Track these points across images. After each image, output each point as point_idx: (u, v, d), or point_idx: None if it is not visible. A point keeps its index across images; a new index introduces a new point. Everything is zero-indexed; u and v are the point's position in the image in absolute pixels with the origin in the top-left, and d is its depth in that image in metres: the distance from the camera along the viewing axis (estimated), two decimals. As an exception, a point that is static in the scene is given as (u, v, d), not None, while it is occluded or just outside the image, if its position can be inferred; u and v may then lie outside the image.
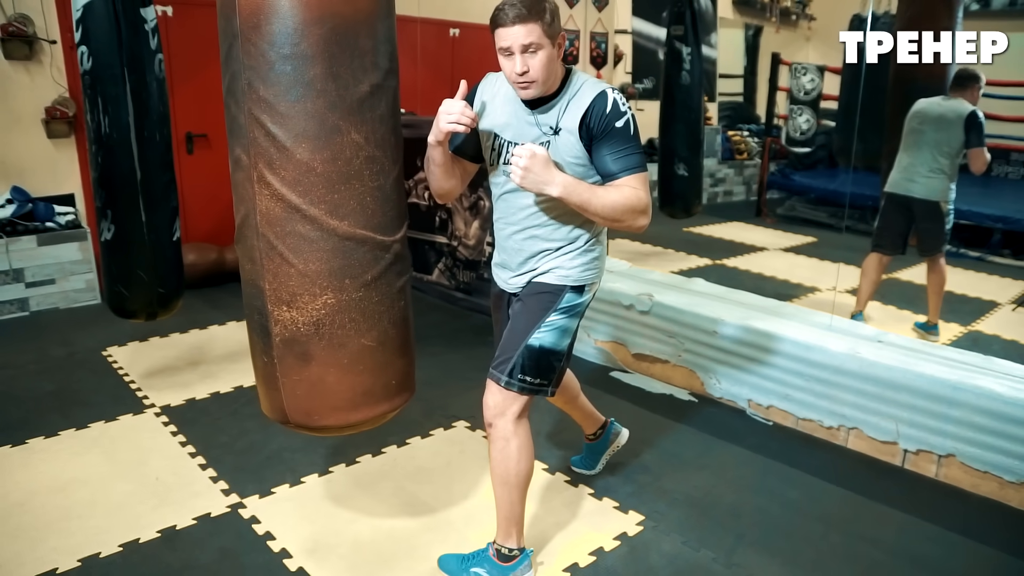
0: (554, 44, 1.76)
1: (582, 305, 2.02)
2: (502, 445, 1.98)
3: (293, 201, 1.65)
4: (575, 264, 1.98)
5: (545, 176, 1.74)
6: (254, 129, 1.63)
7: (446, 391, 3.35)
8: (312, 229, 1.67)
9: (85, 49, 2.72)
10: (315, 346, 1.74)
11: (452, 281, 4.62)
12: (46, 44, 4.40)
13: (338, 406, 1.81)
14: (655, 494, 2.56)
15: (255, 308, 1.76)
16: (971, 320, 4.55)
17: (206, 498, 2.48)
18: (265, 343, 1.77)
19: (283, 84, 1.60)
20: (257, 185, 1.66)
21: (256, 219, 1.68)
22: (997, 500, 2.56)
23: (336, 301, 1.72)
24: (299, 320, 1.71)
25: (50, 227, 4.42)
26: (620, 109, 1.80)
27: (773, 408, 3.10)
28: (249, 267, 1.75)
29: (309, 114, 1.62)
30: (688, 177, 5.13)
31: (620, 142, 1.80)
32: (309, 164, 1.64)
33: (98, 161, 2.83)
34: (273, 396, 1.82)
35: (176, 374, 3.50)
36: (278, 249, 1.68)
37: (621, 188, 1.80)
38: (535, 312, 1.98)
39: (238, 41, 1.60)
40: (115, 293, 3.02)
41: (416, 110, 5.28)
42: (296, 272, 1.69)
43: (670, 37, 5.08)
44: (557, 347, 1.98)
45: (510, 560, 2.06)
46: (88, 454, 2.76)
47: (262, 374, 1.84)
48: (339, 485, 2.58)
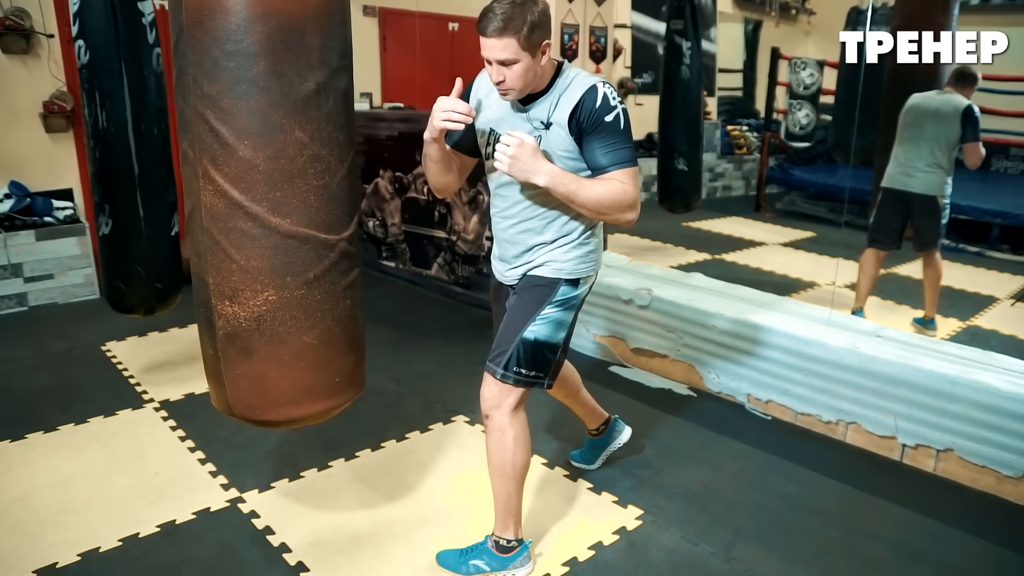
0: (535, 55, 1.76)
1: (577, 298, 2.03)
2: (498, 437, 2.00)
3: (235, 197, 1.65)
4: (569, 257, 1.98)
5: (532, 165, 1.75)
6: (199, 124, 1.64)
7: (445, 386, 3.35)
8: (254, 226, 1.67)
9: (82, 43, 2.71)
10: (256, 341, 1.75)
11: (451, 276, 4.62)
12: (43, 38, 4.39)
13: (279, 401, 1.82)
14: (654, 488, 2.57)
15: (201, 301, 1.79)
16: (970, 315, 4.55)
17: (205, 492, 2.48)
18: (210, 336, 1.79)
19: (226, 80, 1.60)
20: (202, 180, 1.67)
21: (201, 213, 1.69)
22: (995, 494, 2.56)
23: (277, 298, 1.72)
24: (241, 315, 1.72)
25: (48, 222, 4.41)
26: (610, 103, 1.80)
27: (772, 403, 3.11)
28: (196, 260, 1.77)
29: (252, 111, 1.62)
30: (687, 172, 5.12)
31: (609, 136, 1.80)
32: (251, 161, 1.64)
33: (96, 155, 2.83)
34: (218, 388, 1.85)
35: (175, 369, 3.50)
36: (221, 244, 1.69)
37: (609, 182, 1.80)
38: (530, 305, 1.99)
39: (184, 35, 1.60)
40: (113, 288, 3.02)
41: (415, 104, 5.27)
42: (238, 268, 1.69)
43: (669, 31, 5.07)
44: (552, 340, 1.99)
45: (509, 551, 2.08)
46: (87, 449, 2.76)
47: (209, 366, 1.86)
48: (338, 479, 2.59)
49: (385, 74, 6.10)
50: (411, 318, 4.36)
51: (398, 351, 3.78)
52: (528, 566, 2.11)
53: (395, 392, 3.30)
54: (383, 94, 6.10)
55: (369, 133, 4.94)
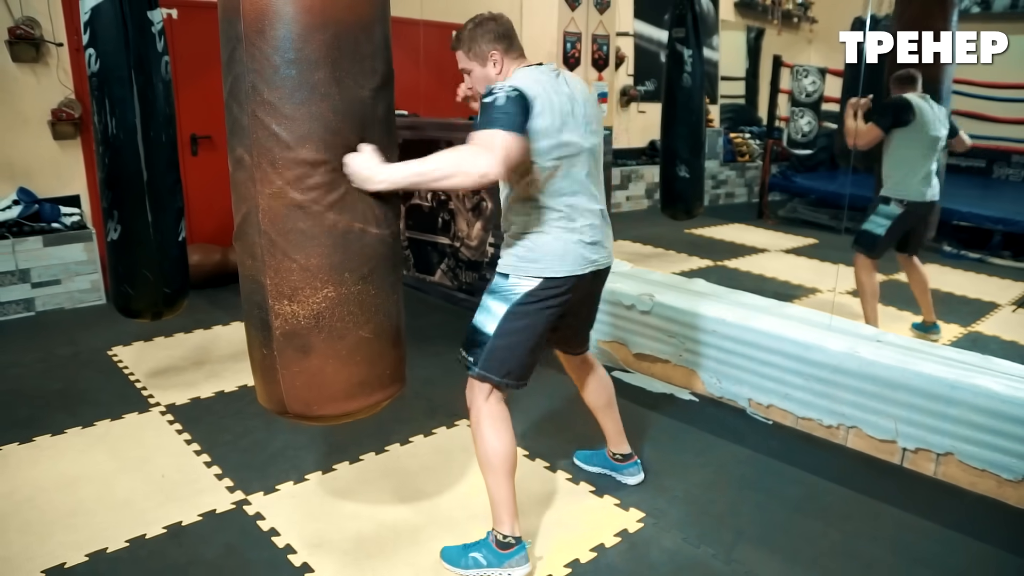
0: (483, 64, 2.05)
1: (508, 291, 2.08)
2: (475, 429, 2.14)
3: (296, 199, 1.71)
4: (508, 252, 2.11)
5: (363, 176, 1.76)
6: (258, 130, 1.68)
7: (449, 390, 3.37)
8: (313, 225, 1.73)
9: (93, 51, 2.75)
10: (315, 338, 1.79)
11: (454, 282, 4.65)
12: (53, 47, 4.44)
13: (335, 396, 1.87)
14: (656, 491, 2.59)
15: (255, 303, 1.81)
16: (971, 321, 4.57)
17: (211, 495, 2.51)
18: (265, 337, 1.82)
19: (288, 87, 1.66)
20: (260, 184, 1.71)
21: (258, 217, 1.73)
22: (995, 498, 2.58)
23: (336, 294, 1.78)
24: (300, 313, 1.77)
25: (56, 228, 4.45)
26: (493, 91, 1.87)
27: (773, 407, 3.13)
28: (250, 263, 1.80)
29: (313, 116, 1.68)
30: (690, 179, 5.15)
31: (481, 116, 1.86)
32: (312, 164, 1.70)
33: (105, 162, 2.86)
34: (272, 388, 1.87)
35: (181, 373, 3.54)
36: (280, 245, 1.73)
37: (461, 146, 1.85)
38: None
39: (242, 45, 1.65)
40: (121, 293, 3.04)
41: (419, 112, 5.31)
42: (298, 267, 1.74)
43: (671, 39, 5.10)
44: (481, 327, 2.12)
45: (507, 548, 2.12)
46: (94, 451, 2.79)
47: (260, 367, 1.89)
48: (343, 482, 2.61)
49: (389, 82, 6.12)
50: (414, 324, 4.37)
51: (402, 356, 3.81)
52: (525, 566, 2.12)
53: (399, 396, 3.32)
54: (387, 102, 6.12)
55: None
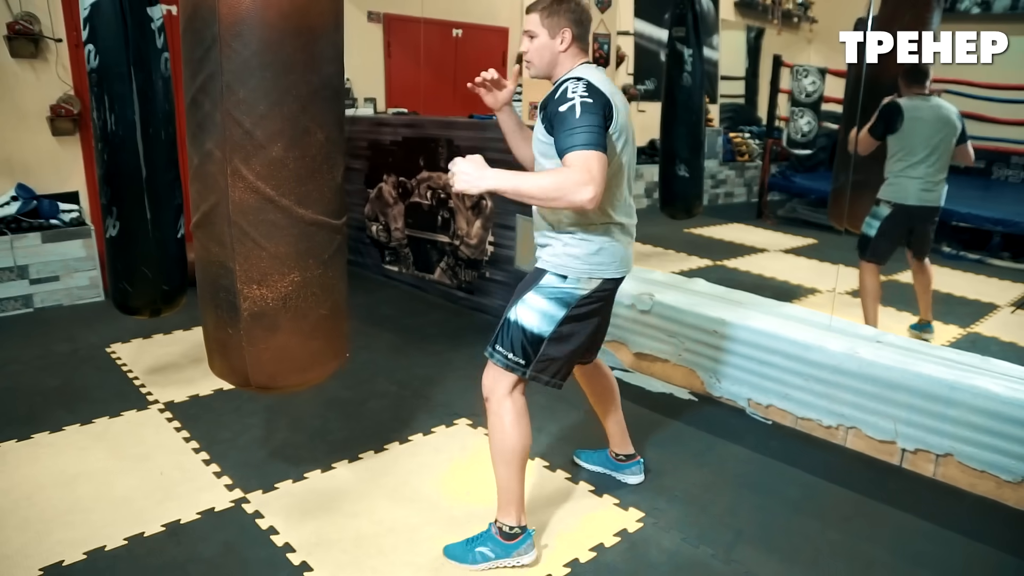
0: (553, 35, 2.01)
1: (568, 293, 2.07)
2: (494, 421, 2.10)
3: (267, 192, 1.83)
4: (561, 252, 2.08)
5: (472, 179, 1.80)
6: (231, 127, 1.78)
7: (448, 389, 3.38)
8: (282, 217, 1.86)
9: (92, 47, 2.74)
10: (282, 318, 1.95)
11: (454, 280, 4.64)
12: (52, 42, 4.43)
13: (297, 368, 2.04)
14: (655, 491, 2.59)
15: (221, 287, 1.94)
16: (970, 322, 4.56)
17: (210, 493, 2.51)
18: (231, 317, 1.94)
19: (262, 88, 1.76)
20: (231, 178, 1.81)
21: (228, 208, 1.84)
22: (994, 499, 2.58)
23: (302, 278, 1.94)
24: (268, 296, 1.92)
25: (54, 224, 4.44)
26: (567, 96, 1.88)
27: (773, 407, 3.12)
28: (217, 250, 1.91)
29: (285, 116, 1.79)
30: (689, 178, 5.14)
31: (565, 126, 1.84)
32: (283, 160, 1.82)
33: (104, 158, 2.85)
34: (235, 363, 2.01)
35: (179, 371, 3.53)
36: (251, 235, 1.86)
37: (557, 169, 1.84)
38: (521, 289, 2.14)
39: (217, 45, 1.73)
40: (119, 289, 3.03)
41: (419, 110, 5.30)
42: (267, 255, 1.88)
43: (671, 39, 5.09)
44: (536, 330, 2.06)
45: (513, 538, 2.14)
46: (93, 449, 2.78)
47: (222, 344, 2.01)
48: (341, 480, 2.61)
49: (389, 80, 6.14)
50: (414, 322, 4.38)
51: (401, 355, 3.81)
52: (532, 553, 2.15)
53: (398, 395, 3.32)
54: (387, 99, 6.13)
55: (373, 138, 4.97)
